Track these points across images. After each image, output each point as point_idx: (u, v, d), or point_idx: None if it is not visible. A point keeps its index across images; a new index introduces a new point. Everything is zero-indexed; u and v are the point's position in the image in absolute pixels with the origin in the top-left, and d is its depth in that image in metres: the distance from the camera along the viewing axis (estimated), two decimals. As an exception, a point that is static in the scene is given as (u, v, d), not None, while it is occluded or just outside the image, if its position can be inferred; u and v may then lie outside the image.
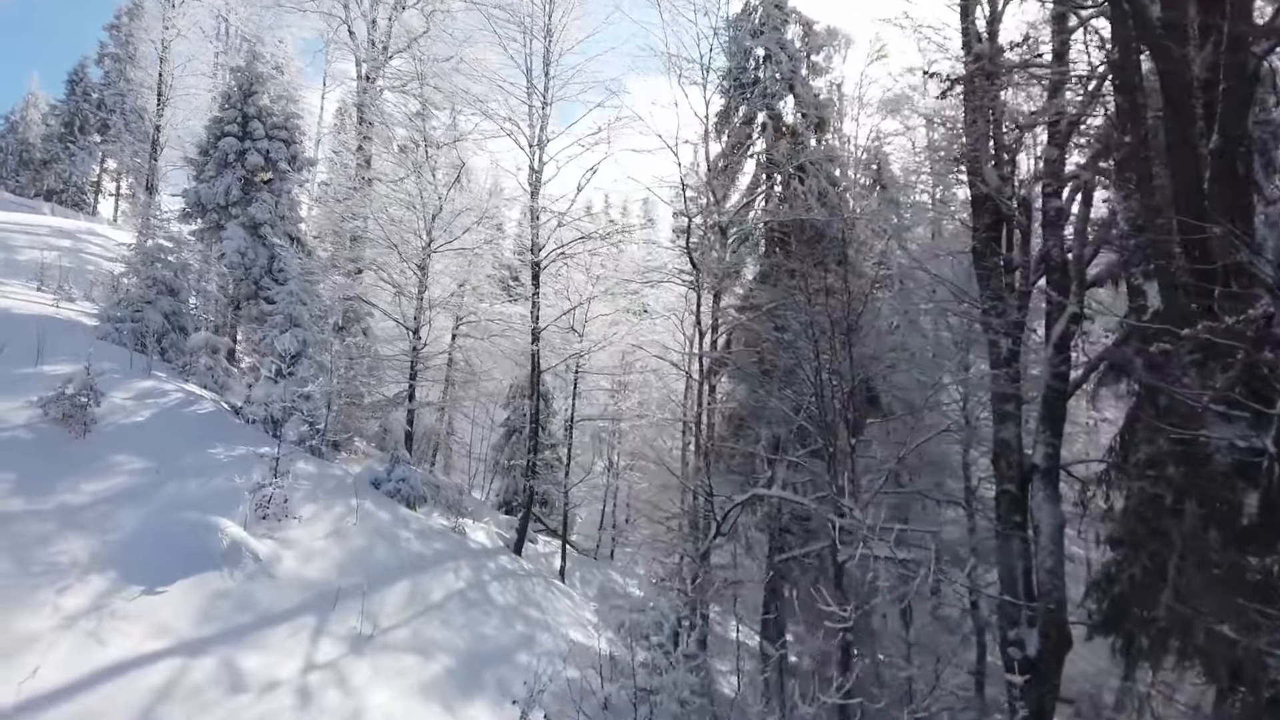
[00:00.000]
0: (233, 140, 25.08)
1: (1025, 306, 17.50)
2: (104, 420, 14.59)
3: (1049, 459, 16.60)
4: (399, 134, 24.59)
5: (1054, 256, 17.11)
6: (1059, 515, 16.50)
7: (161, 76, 35.97)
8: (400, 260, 23.56)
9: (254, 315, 24.44)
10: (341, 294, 23.68)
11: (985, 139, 18.16)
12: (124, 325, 20.02)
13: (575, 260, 23.70)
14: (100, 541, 11.24)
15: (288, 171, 25.74)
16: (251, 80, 25.79)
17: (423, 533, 17.42)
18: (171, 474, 14.05)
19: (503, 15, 22.80)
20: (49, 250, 31.00)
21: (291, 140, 26.10)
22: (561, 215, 22.78)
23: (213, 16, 39.83)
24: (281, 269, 24.62)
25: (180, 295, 21.71)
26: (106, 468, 13.43)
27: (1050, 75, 17.70)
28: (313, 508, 15.36)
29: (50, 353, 16.63)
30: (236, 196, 24.88)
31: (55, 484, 12.37)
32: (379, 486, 18.84)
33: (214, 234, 24.87)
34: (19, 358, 16.06)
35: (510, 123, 22.78)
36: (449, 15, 27.42)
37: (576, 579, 23.25)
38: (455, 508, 20.51)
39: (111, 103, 64.89)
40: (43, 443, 13.31)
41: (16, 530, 10.82)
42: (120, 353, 18.65)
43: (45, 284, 25.71)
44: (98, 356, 17.60)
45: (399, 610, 13.41)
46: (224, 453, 15.98)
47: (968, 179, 18.28)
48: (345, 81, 37.37)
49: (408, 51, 27.22)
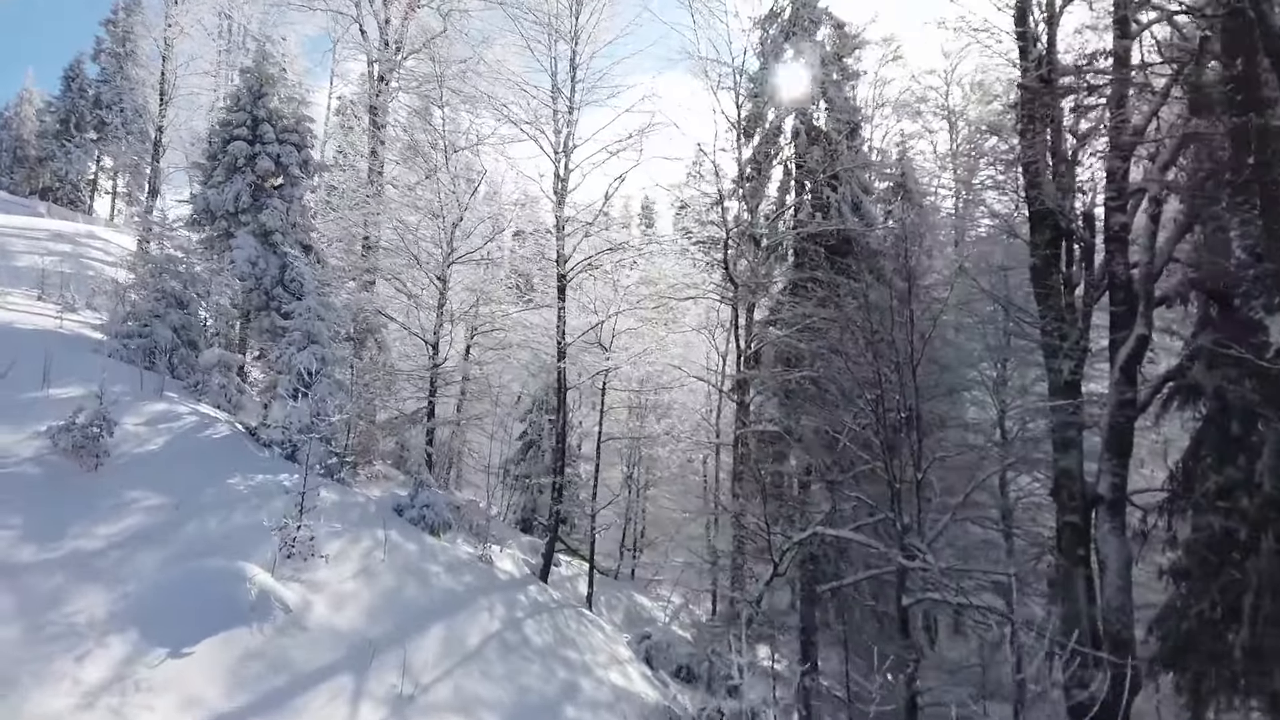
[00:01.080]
0: (242, 144, 24.06)
1: (1088, 327, 16.58)
2: (116, 450, 13.63)
3: (1115, 489, 15.73)
4: (420, 139, 23.54)
5: (1118, 274, 16.24)
6: (1126, 550, 15.65)
7: (164, 75, 34.87)
8: (419, 270, 22.54)
9: (265, 328, 23.46)
10: (359, 307, 22.65)
11: (1043, 149, 17.29)
12: (132, 341, 19.04)
13: (602, 272, 22.69)
14: (119, 595, 10.28)
15: (300, 176, 24.75)
16: (261, 81, 24.77)
17: (451, 565, 16.49)
18: (190, 511, 13.09)
19: (527, 16, 21.77)
20: (48, 255, 30.05)
21: (303, 144, 25.10)
22: (588, 225, 21.79)
23: (215, 14, 38.84)
24: (294, 279, 23.64)
25: (190, 308, 20.72)
26: (121, 506, 12.47)
27: (1112, 83, 16.86)
28: (339, 543, 14.42)
29: (57, 374, 15.66)
30: (247, 203, 23.87)
31: (67, 527, 11.41)
32: (402, 513, 17.91)
33: (223, 242, 23.85)
34: (25, 380, 15.10)
35: (534, 128, 21.79)
36: (466, 15, 26.39)
37: (602, 604, 22.35)
38: (480, 533, 19.62)
39: (108, 100, 63.93)
40: (52, 478, 12.35)
41: (28, 585, 9.87)
42: (129, 372, 17.69)
43: (46, 293, 24.75)
44: (107, 378, 16.73)
45: (437, 661, 12.46)
46: (243, 482, 15.02)
47: (1025, 193, 17.35)
48: (351, 82, 36.55)
49: (423, 52, 26.19)
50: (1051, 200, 16.59)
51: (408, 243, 21.92)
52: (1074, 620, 15.68)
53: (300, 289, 23.70)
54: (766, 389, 22.15)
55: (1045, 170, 17.03)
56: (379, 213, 25.26)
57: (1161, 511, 16.56)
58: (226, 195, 23.77)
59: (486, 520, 18.95)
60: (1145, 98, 16.87)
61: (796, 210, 23.55)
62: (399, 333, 26.32)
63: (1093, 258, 16.79)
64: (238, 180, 23.94)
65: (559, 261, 21.35)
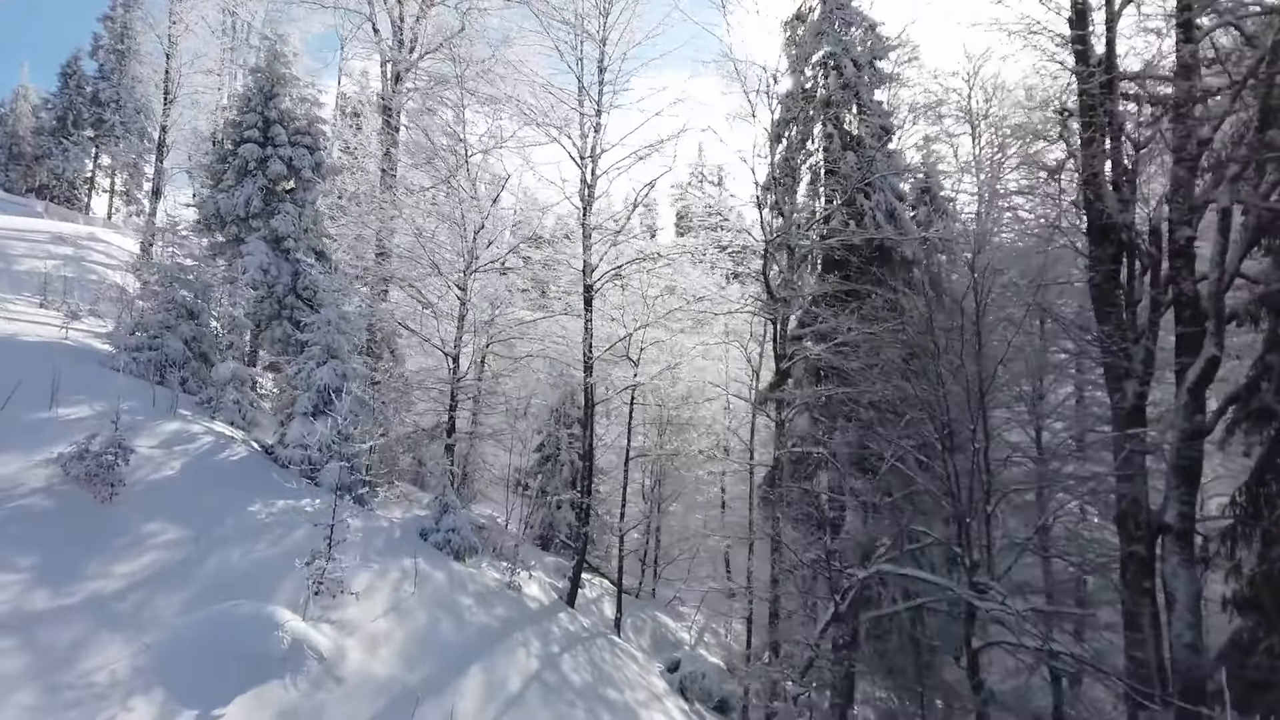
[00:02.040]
0: (253, 147, 23.22)
1: (1153, 348, 15.75)
2: (131, 477, 12.75)
3: (1183, 519, 14.90)
4: (439, 141, 22.63)
5: (1185, 291, 15.41)
6: (1196, 583, 14.83)
7: (168, 74, 33.87)
8: (437, 278, 21.64)
9: (277, 337, 22.63)
10: (379, 319, 21.78)
11: (1103, 158, 16.47)
12: (142, 355, 18.15)
13: (629, 282, 21.78)
14: (141, 647, 9.42)
15: (312, 180, 23.90)
16: (273, 82, 23.95)
17: (480, 595, 15.64)
18: (212, 544, 12.24)
19: (553, 15, 20.86)
20: (49, 259, 29.11)
21: (316, 146, 24.29)
22: (616, 234, 20.90)
23: (219, 10, 37.87)
24: (308, 287, 22.84)
25: (201, 319, 19.82)
26: (139, 541, 11.61)
27: (1175, 90, 16.04)
28: (367, 576, 13.58)
29: (65, 391, 14.80)
30: (258, 208, 23.04)
31: (83, 566, 10.55)
32: (426, 538, 17.07)
33: (233, 248, 22.99)
34: (31, 398, 14.21)
35: (560, 132, 20.89)
36: (485, 13, 25.49)
37: (629, 628, 21.50)
38: (506, 556, 18.79)
39: (106, 97, 62.89)
40: (65, 511, 11.48)
41: (44, 638, 9.01)
42: (140, 387, 16.83)
43: (49, 299, 23.81)
44: (118, 393, 15.83)
45: (480, 708, 11.63)
46: (264, 509, 14.18)
47: (1085, 206, 16.53)
48: (359, 80, 35.62)
49: (441, 51, 25.29)
50: (1114, 212, 15.77)
51: (428, 250, 21.00)
52: (1141, 657, 14.90)
53: (314, 297, 22.89)
54: (804, 407, 21.22)
55: (1105, 181, 16.21)
56: (394, 217, 24.39)
57: (1224, 538, 15.78)
58: (237, 200, 22.92)
59: (515, 547, 18.05)
60: (1211, 105, 16.02)
61: (828, 218, 22.67)
62: (411, 341, 25.44)
63: (1159, 273, 15.91)
64: (248, 184, 23.10)
65: (585, 271, 20.44)
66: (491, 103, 22.82)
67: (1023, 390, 22.02)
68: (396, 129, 26.84)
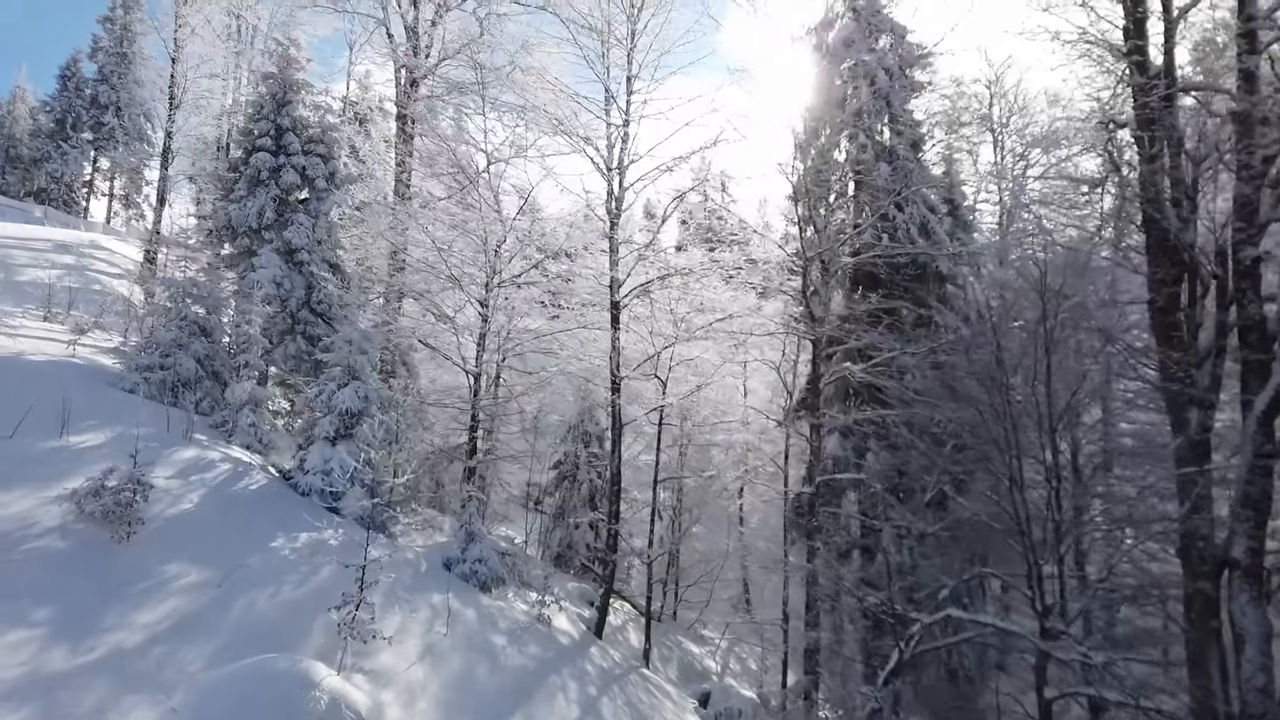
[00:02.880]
0: (266, 156, 22.46)
1: (1220, 373, 15.03)
2: (149, 511, 11.98)
3: (1252, 554, 14.18)
4: (460, 150, 21.89)
5: (1251, 315, 14.71)
6: (1267, 622, 14.09)
7: (174, 78, 33.09)
8: (457, 292, 20.89)
9: (291, 353, 21.85)
10: (394, 332, 21.02)
11: (1162, 175, 15.75)
12: (153, 375, 17.41)
13: (657, 297, 20.96)
14: (168, 711, 8.67)
15: (326, 190, 23.13)
16: (285, 88, 23.17)
17: (512, 632, 14.90)
18: (236, 586, 11.48)
19: (578, 21, 20.09)
20: (51, 269, 28.35)
21: (330, 155, 23.50)
22: (644, 249, 20.14)
23: (225, 14, 37.15)
24: (322, 301, 22.10)
25: (214, 335, 19.07)
26: (160, 585, 10.84)
27: (1238, 102, 15.33)
28: (397, 616, 12.86)
29: (76, 416, 14.03)
30: (270, 219, 22.27)
31: (102, 616, 9.80)
32: (452, 568, 16.33)
33: (245, 260, 22.20)
34: (41, 424, 13.44)
35: (585, 142, 20.14)
36: (505, 19, 24.75)
37: (657, 659, 20.73)
38: (534, 585, 18.06)
39: (105, 99, 62.13)
40: (81, 553, 10.72)
41: (65, 703, 8.27)
42: (153, 410, 16.09)
43: (53, 312, 23.05)
44: (131, 418, 15.12)
45: (526, 767, 10.88)
46: (287, 544, 13.44)
47: (1144, 224, 15.82)
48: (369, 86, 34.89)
49: (459, 57, 24.57)
50: (1175, 231, 15.07)
51: (450, 265, 20.22)
52: (1205, 698, 14.18)
53: (328, 311, 22.16)
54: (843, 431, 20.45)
55: (1165, 198, 15.50)
56: (408, 228, 23.66)
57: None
58: (249, 211, 22.15)
59: (546, 579, 17.29)
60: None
61: (859, 231, 21.93)
62: (424, 353, 24.67)
63: (1224, 295, 15.18)
64: (260, 194, 22.34)
65: (613, 288, 19.66)
66: (514, 111, 22.09)
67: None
68: (411, 137, 26.12)
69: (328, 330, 22.28)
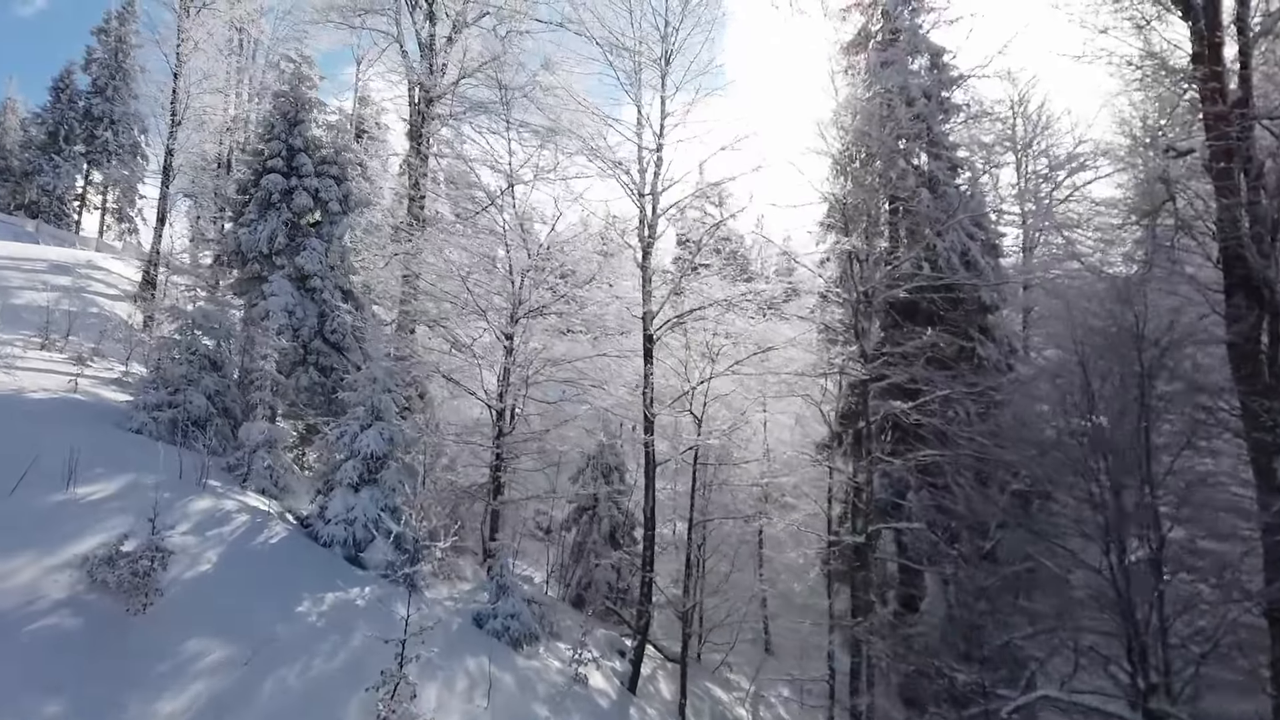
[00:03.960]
0: (277, 178, 21.42)
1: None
2: (165, 575, 10.90)
3: (1353, 616, 13.23)
4: (481, 173, 20.97)
5: (1339, 356, 13.83)
6: (1370, 690, 13.13)
7: (176, 93, 32.02)
8: (479, 320, 19.89)
9: (303, 385, 20.76)
10: (415, 366, 19.97)
11: (1238, 208, 14.88)
12: (162, 414, 16.33)
13: (691, 329, 19.93)
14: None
15: (339, 213, 22.09)
16: (297, 107, 22.15)
17: (552, 698, 13.87)
18: (264, 662, 10.42)
19: (609, 40, 19.16)
20: (48, 291, 27.25)
21: (344, 177, 22.46)
22: (679, 279, 19.13)
23: (227, 27, 36.13)
24: (336, 330, 21.07)
25: (224, 369, 18.02)
26: (183, 666, 9.78)
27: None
28: (434, 688, 11.84)
29: (82, 463, 12.92)
30: (282, 244, 21.20)
31: (123, 708, 8.75)
32: (483, 624, 15.27)
33: (255, 287, 21.13)
34: (45, 475, 12.36)
35: (616, 166, 19.16)
36: (526, 35, 23.81)
37: (690, 711, 19.60)
38: (565, 637, 17.03)
39: (99, 112, 61.14)
40: (95, 630, 9.65)
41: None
42: (163, 454, 14.95)
43: (50, 339, 21.98)
44: (140, 464, 14.09)
45: None
46: (314, 609, 12.39)
47: (1223, 262, 14.92)
48: (375, 103, 33.92)
49: (478, 75, 23.64)
50: (1258, 268, 14.19)
51: (475, 295, 19.19)
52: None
53: (342, 341, 21.15)
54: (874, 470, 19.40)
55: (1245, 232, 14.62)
56: (420, 250, 22.66)
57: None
58: (260, 235, 21.10)
59: (581, 634, 16.19)
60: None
61: (901, 261, 20.94)
62: (441, 381, 23.59)
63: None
64: (272, 218, 21.29)
65: (645, 319, 18.65)
66: (538, 132, 21.15)
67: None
68: (425, 157, 25.16)
69: (341, 361, 21.27)
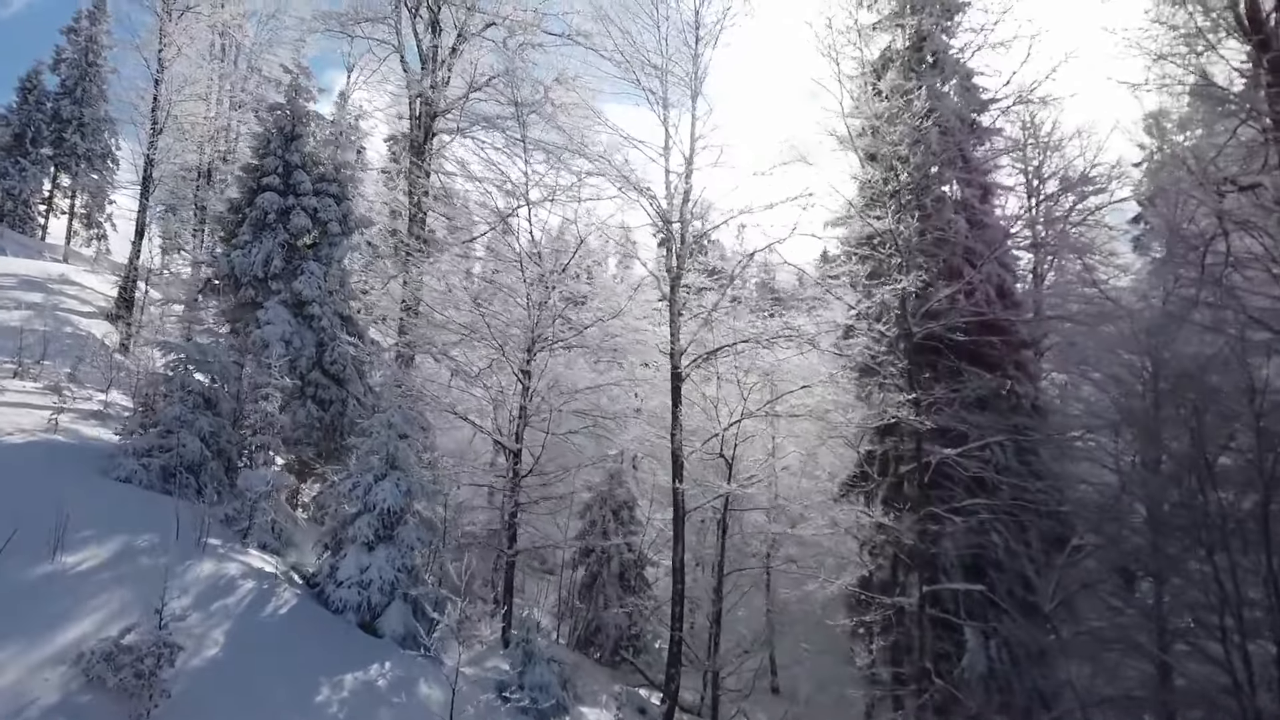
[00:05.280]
0: (273, 196, 19.98)
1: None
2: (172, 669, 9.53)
3: None
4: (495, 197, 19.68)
5: None
6: None
7: (157, 100, 30.33)
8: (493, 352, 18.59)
9: (300, 420, 19.32)
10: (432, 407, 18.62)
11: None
12: (153, 460, 14.87)
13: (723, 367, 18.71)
14: None
15: (339, 235, 20.70)
16: (294, 120, 20.75)
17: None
18: (286, 772, 9.08)
19: (636, 57, 17.95)
20: (18, 309, 25.60)
21: (343, 195, 21.07)
22: (709, 313, 17.92)
23: (209, 30, 34.55)
24: (336, 360, 19.69)
25: (219, 407, 16.56)
26: (196, 785, 8.43)
27: None
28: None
29: (71, 524, 11.48)
30: (279, 268, 19.77)
31: None
32: (508, 698, 13.83)
33: (249, 313, 19.68)
34: (29, 540, 10.90)
35: (640, 192, 17.95)
36: (541, 49, 22.54)
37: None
38: (591, 700, 15.74)
39: (68, 114, 59.13)
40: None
41: None
42: (156, 508, 13.56)
43: (23, 365, 20.38)
44: (132, 521, 12.72)
45: None
46: (333, 695, 11.08)
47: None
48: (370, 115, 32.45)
49: (486, 89, 22.36)
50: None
51: (494, 331, 17.86)
52: None
53: (342, 373, 19.79)
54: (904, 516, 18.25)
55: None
56: (424, 272, 21.37)
57: None
58: (254, 258, 19.66)
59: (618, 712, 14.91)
60: None
61: (935, 294, 19.84)
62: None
63: None
64: (268, 240, 19.86)
65: (673, 356, 17.42)
66: (550, 151, 19.88)
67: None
68: (427, 173, 23.82)
69: (340, 393, 19.89)
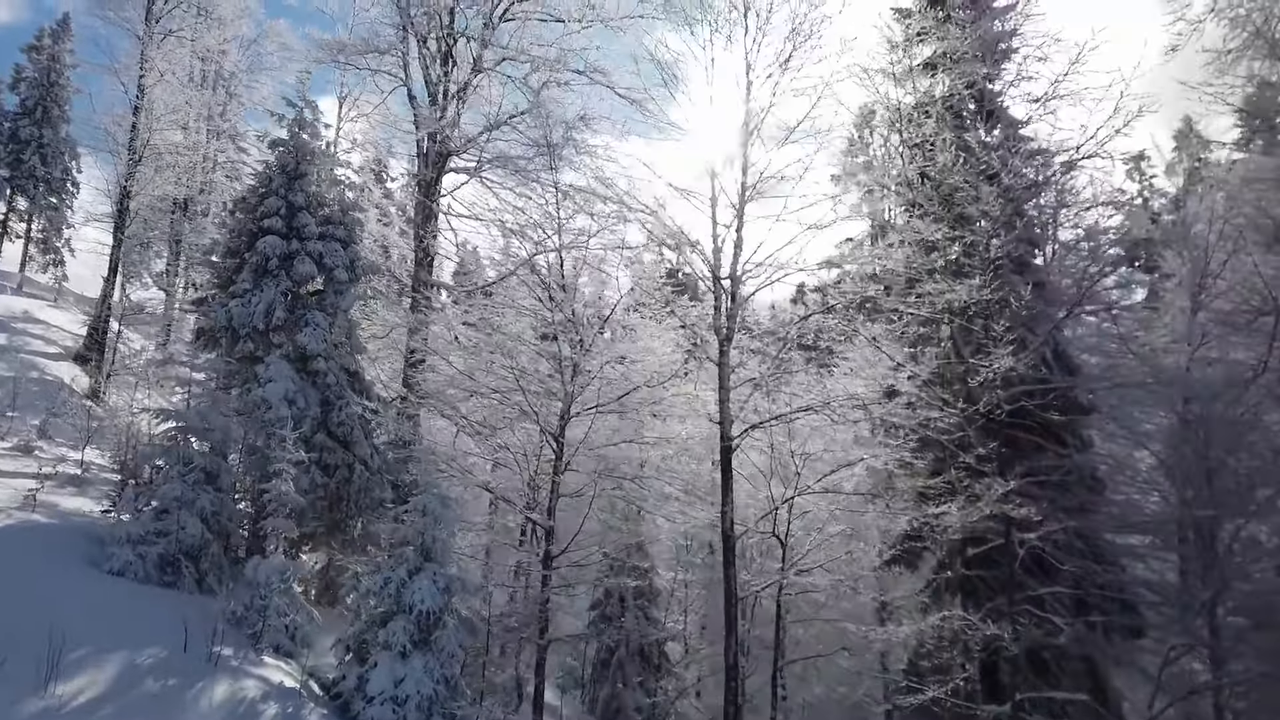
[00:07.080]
0: (276, 240, 18.13)
1: None
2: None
3: None
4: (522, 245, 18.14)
5: None
6: None
7: (136, 128, 28.32)
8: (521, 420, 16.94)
9: (304, 488, 17.45)
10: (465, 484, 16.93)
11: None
12: (150, 549, 13.02)
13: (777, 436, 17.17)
14: None
15: (346, 282, 18.94)
16: (299, 157, 18.99)
17: None
18: None
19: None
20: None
21: (350, 239, 19.31)
22: (762, 379, 16.39)
23: (191, 56, 32.81)
24: (343, 422, 17.92)
25: (220, 481, 14.75)
26: None
27: None
28: None
29: (66, 645, 9.66)
30: (281, 318, 17.96)
31: None
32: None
33: (248, 369, 17.84)
34: (19, 665, 9.14)
35: (691, 248, 16.43)
36: (567, 88, 21.05)
37: None
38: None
39: (26, 135, 56.59)
40: None
41: None
42: (159, 609, 11.80)
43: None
44: (132, 629, 10.93)
45: None
46: None
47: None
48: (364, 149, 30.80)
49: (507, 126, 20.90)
50: None
51: (529, 398, 16.15)
52: None
53: (350, 434, 18.05)
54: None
55: None
56: (426, 323, 19.74)
57: None
58: (255, 308, 17.80)
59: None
60: None
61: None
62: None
63: None
64: (269, 288, 18.01)
65: (723, 426, 15.84)
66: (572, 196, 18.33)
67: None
68: (434, 215, 22.22)
69: (347, 457, 18.08)
